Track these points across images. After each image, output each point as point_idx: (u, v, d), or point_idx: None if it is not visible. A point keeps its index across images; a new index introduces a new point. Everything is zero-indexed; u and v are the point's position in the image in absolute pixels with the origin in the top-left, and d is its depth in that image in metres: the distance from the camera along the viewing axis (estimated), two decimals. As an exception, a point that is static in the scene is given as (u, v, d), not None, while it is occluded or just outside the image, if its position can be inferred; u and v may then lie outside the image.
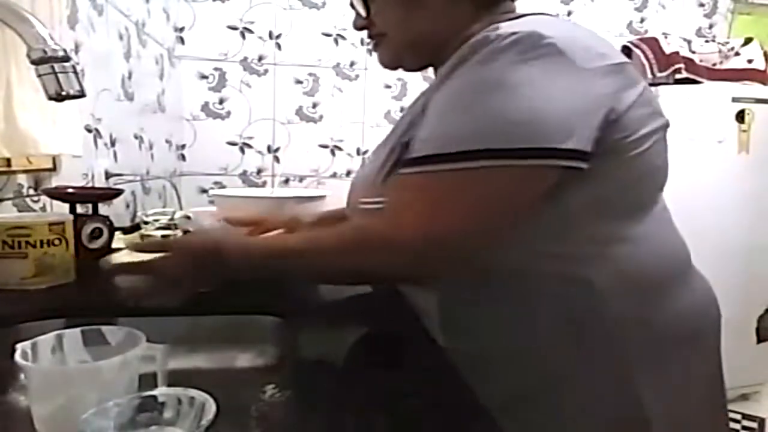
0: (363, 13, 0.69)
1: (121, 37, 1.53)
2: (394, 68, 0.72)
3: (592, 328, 0.58)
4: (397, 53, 0.70)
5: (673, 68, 2.08)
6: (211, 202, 2.39)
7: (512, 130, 0.50)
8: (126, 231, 1.20)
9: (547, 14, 0.61)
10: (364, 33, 0.71)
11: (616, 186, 0.57)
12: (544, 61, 0.51)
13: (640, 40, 2.19)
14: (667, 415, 0.59)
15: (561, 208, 0.55)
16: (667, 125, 0.61)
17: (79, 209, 0.97)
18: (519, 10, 0.67)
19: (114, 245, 1.00)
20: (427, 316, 0.67)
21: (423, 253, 0.53)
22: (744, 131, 2.02)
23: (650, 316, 0.59)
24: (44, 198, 1.09)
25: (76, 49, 1.23)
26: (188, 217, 1.21)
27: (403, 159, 0.57)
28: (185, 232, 1.19)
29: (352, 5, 0.71)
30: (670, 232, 0.66)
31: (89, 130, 1.31)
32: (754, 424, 2.07)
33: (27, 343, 0.48)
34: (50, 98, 0.64)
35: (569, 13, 2.61)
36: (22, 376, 0.56)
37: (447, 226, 0.52)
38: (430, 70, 0.74)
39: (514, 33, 0.52)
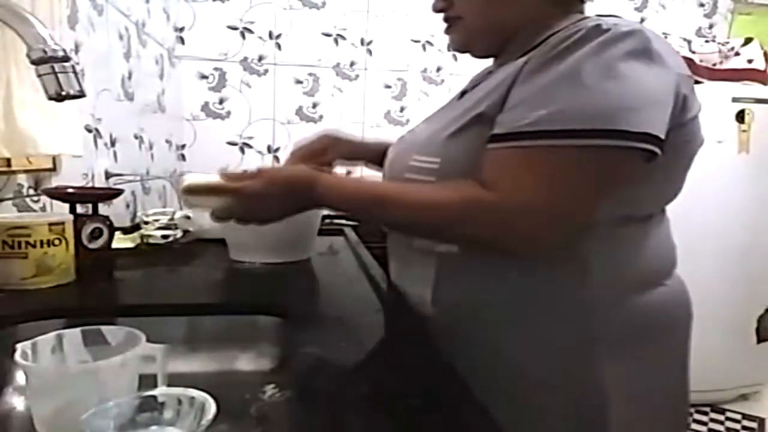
0: None
1: (121, 37, 1.53)
2: (464, 52, 0.74)
3: (572, 307, 0.62)
4: (470, 38, 0.72)
5: (673, 68, 2.08)
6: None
7: (624, 116, 0.52)
8: (126, 231, 1.20)
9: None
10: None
11: (652, 184, 0.61)
12: (646, 58, 0.55)
13: (640, 40, 2.19)
14: (626, 399, 0.63)
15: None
16: (702, 143, 0.65)
17: (79, 209, 0.97)
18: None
19: (114, 245, 1.00)
20: (418, 284, 0.71)
21: (541, 227, 0.55)
22: (744, 131, 2.02)
23: (628, 307, 0.63)
24: (44, 198, 1.09)
25: (76, 49, 1.23)
26: (188, 217, 1.21)
27: (507, 131, 0.57)
28: (185, 232, 1.19)
29: None
30: (666, 238, 0.70)
31: (89, 130, 1.31)
32: (754, 424, 2.07)
33: (27, 343, 0.48)
34: (50, 98, 0.63)
35: (569, 13, 2.61)
36: (22, 376, 0.56)
37: (566, 201, 0.55)
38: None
39: (625, 26, 0.56)
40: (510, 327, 0.64)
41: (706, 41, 2.21)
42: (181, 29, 2.28)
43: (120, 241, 1.10)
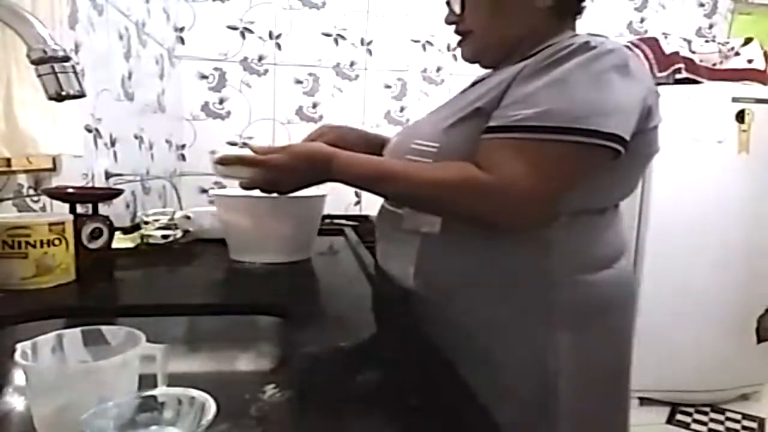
0: (457, 10, 0.79)
1: (121, 37, 1.53)
2: (474, 63, 0.83)
3: (534, 281, 0.72)
4: (480, 51, 0.81)
5: (673, 68, 2.07)
6: (211, 202, 2.40)
7: (605, 119, 0.63)
8: (126, 231, 1.20)
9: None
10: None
11: (611, 182, 0.73)
12: (625, 71, 0.66)
13: (640, 40, 2.18)
14: (576, 368, 0.72)
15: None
16: (657, 152, 0.76)
17: (79, 209, 0.97)
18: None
19: (114, 245, 1.00)
20: (402, 261, 0.80)
21: (527, 204, 0.66)
22: (744, 131, 2.02)
23: (580, 284, 0.73)
24: (44, 198, 1.09)
25: (76, 49, 1.23)
26: (188, 217, 1.21)
27: (504, 124, 0.67)
28: (185, 232, 1.19)
29: (447, 2, 0.81)
30: (616, 230, 0.79)
31: (89, 130, 1.31)
32: (754, 424, 2.07)
33: (27, 343, 0.48)
34: (50, 98, 0.63)
35: (569, 13, 2.61)
36: (22, 376, 0.56)
37: (554, 185, 0.65)
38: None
39: (611, 44, 0.67)
40: (480, 298, 0.74)
41: (706, 41, 2.21)
42: (181, 29, 2.28)
43: (120, 241, 1.10)
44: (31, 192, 1.07)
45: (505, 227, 0.71)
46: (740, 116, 2.01)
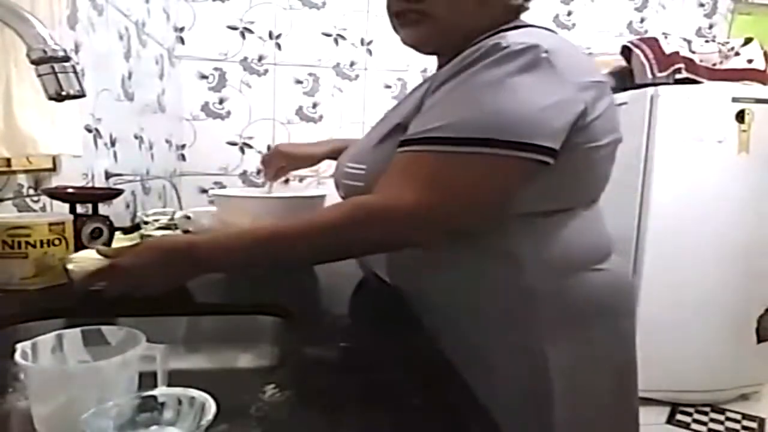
0: None
1: (121, 37, 1.53)
2: (417, 48, 0.76)
3: (512, 294, 0.67)
4: (428, 38, 0.73)
5: (673, 68, 2.07)
6: (211, 202, 2.40)
7: (509, 127, 0.57)
8: (126, 231, 1.20)
9: (548, 29, 0.67)
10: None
11: (566, 183, 0.66)
12: (539, 72, 0.59)
13: (640, 40, 2.18)
14: (569, 385, 0.66)
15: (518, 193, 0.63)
16: (619, 140, 0.69)
17: (79, 209, 0.97)
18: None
19: (114, 245, 1.00)
20: (378, 267, 0.79)
21: (424, 225, 0.60)
22: (744, 131, 2.02)
23: (563, 291, 0.67)
24: (44, 198, 1.09)
25: (76, 49, 1.23)
26: (188, 217, 1.21)
27: (405, 138, 0.62)
28: (185, 231, 1.19)
29: None
30: (598, 227, 0.73)
31: (89, 130, 1.31)
32: (754, 424, 2.07)
33: (27, 343, 0.48)
34: (50, 98, 0.63)
35: (569, 13, 2.61)
36: (22, 376, 0.56)
37: (444, 201, 0.59)
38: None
39: (520, 44, 0.60)
40: (457, 314, 0.69)
41: (706, 41, 2.21)
42: (181, 29, 2.28)
43: (120, 241, 1.10)
44: (31, 192, 1.07)
45: (397, 248, 0.67)
46: (740, 116, 2.01)
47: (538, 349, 0.66)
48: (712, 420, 2.08)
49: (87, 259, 0.76)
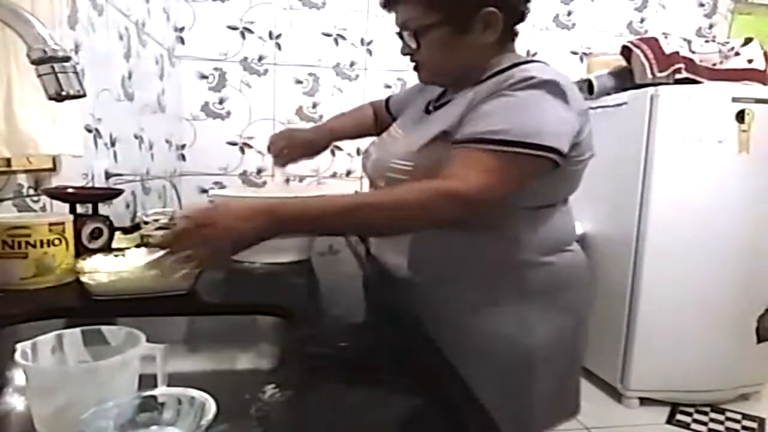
0: (413, 46, 0.88)
1: (121, 37, 1.53)
2: (431, 83, 0.98)
3: (510, 266, 0.87)
4: (435, 77, 0.94)
5: (673, 68, 2.07)
6: (211, 202, 2.40)
7: (543, 135, 0.76)
8: (126, 231, 1.20)
9: (546, 64, 0.85)
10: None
11: (556, 184, 0.86)
12: (559, 100, 0.79)
13: (640, 40, 2.18)
14: (546, 342, 0.87)
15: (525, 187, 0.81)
16: (593, 156, 0.88)
17: (79, 209, 0.97)
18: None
19: (114, 245, 1.00)
20: (395, 254, 0.92)
21: (480, 204, 0.76)
22: (744, 131, 2.02)
23: (546, 265, 0.88)
24: (44, 198, 1.09)
25: (76, 49, 1.23)
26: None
27: (463, 138, 0.79)
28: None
29: (401, 37, 0.90)
30: (570, 219, 0.95)
31: (89, 130, 1.31)
32: (754, 424, 2.07)
33: (27, 343, 0.48)
34: (50, 98, 0.63)
35: (569, 13, 2.61)
36: (22, 376, 0.56)
37: (498, 185, 0.76)
38: None
39: (545, 77, 0.79)
40: (465, 284, 0.87)
41: (706, 41, 2.21)
42: (181, 29, 2.28)
43: (120, 241, 1.10)
44: (31, 192, 1.07)
45: (462, 220, 0.78)
46: (740, 116, 2.01)
47: (528, 313, 0.86)
48: (712, 420, 2.08)
49: (99, 269, 0.76)
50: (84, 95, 0.65)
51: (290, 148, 1.15)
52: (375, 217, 0.76)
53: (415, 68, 0.93)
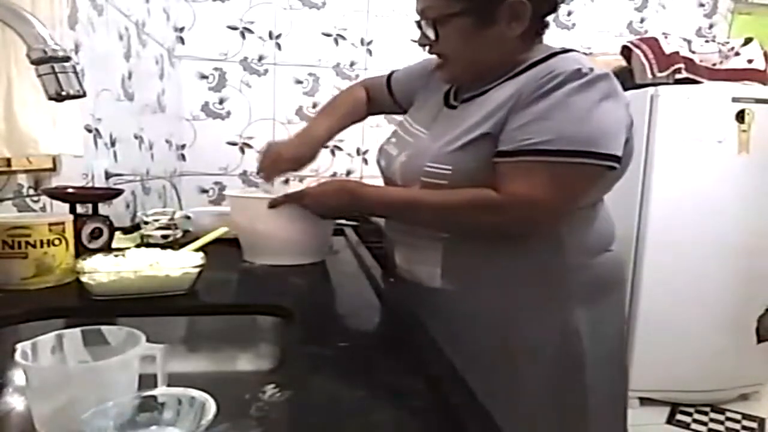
0: (432, 37, 0.82)
1: (121, 37, 1.53)
2: (453, 84, 0.91)
3: (551, 271, 0.83)
4: (456, 74, 0.87)
5: (673, 68, 2.07)
6: (212, 202, 2.40)
7: (604, 143, 0.73)
8: (126, 231, 1.20)
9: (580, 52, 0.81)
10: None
11: (602, 186, 0.83)
12: (616, 99, 0.75)
13: (640, 40, 2.18)
14: (594, 339, 0.84)
15: None
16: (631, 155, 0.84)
17: (79, 209, 0.97)
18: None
19: (114, 245, 1.00)
20: (427, 265, 0.87)
21: (552, 222, 0.78)
22: (744, 131, 2.02)
23: (589, 267, 0.85)
24: (44, 198, 1.09)
25: (76, 49, 1.23)
26: (188, 217, 1.21)
27: (517, 148, 0.74)
28: (185, 232, 1.19)
29: (419, 26, 0.84)
30: (607, 217, 0.91)
31: (89, 130, 1.31)
32: (754, 424, 2.07)
33: (27, 343, 0.48)
34: (50, 98, 0.63)
35: (569, 13, 2.61)
36: (22, 376, 0.56)
37: (562, 198, 0.75)
38: None
39: (595, 71, 0.73)
40: (504, 290, 0.82)
41: (706, 41, 2.21)
42: (181, 29, 2.28)
43: (120, 241, 1.10)
44: (31, 192, 1.07)
45: (520, 234, 0.81)
46: (740, 116, 2.01)
47: (571, 315, 0.83)
48: (712, 420, 2.08)
49: (99, 269, 0.76)
50: (84, 95, 0.65)
51: (277, 164, 1.09)
52: (424, 214, 0.82)
53: (438, 66, 0.87)
